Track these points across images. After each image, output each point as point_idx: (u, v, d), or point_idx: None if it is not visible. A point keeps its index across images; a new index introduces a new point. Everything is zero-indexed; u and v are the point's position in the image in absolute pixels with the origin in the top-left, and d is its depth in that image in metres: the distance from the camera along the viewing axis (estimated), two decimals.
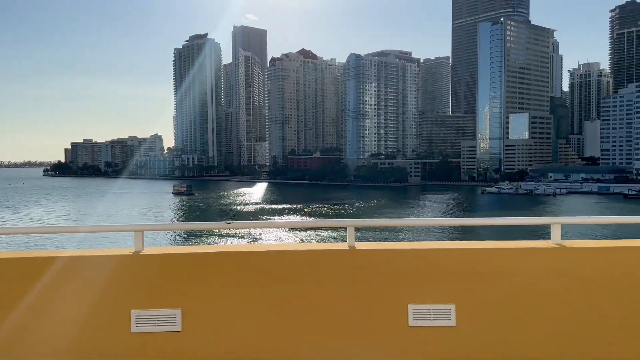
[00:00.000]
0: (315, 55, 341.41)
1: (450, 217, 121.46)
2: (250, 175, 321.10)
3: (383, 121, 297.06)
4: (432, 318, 4.53)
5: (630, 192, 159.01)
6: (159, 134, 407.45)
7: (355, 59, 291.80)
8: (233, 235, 75.03)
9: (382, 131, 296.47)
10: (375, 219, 5.26)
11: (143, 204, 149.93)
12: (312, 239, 73.88)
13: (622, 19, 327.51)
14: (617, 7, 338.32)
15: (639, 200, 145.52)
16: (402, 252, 4.69)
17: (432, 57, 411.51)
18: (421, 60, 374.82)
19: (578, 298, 4.61)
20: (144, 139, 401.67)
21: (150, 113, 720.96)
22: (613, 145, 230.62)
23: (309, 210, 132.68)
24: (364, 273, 4.55)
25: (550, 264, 4.63)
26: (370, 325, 4.52)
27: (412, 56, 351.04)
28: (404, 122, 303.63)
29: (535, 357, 4.59)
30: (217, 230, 72.90)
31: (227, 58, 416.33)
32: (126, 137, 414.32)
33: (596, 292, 4.59)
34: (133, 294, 4.61)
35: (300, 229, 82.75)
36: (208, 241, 71.79)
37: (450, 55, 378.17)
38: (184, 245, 60.48)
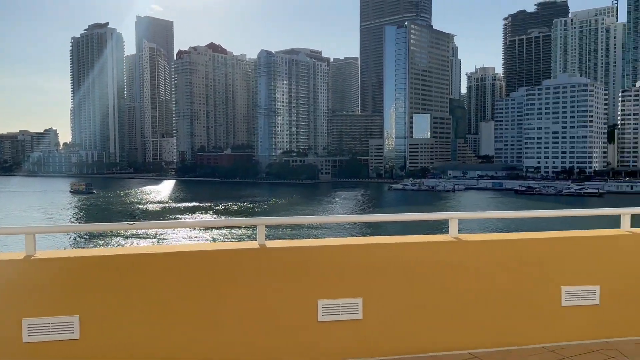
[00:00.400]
0: (225, 50, 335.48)
1: (360, 213, 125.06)
2: (156, 173, 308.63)
3: (295, 119, 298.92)
4: (340, 313, 4.60)
5: (520, 188, 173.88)
6: (54, 129, 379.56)
7: (267, 55, 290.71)
8: (138, 237, 71.79)
9: (293, 129, 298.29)
10: (286, 217, 5.25)
11: (37, 203, 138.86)
12: (223, 239, 72.65)
13: (514, 27, 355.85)
14: (509, 15, 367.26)
15: (528, 195, 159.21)
16: (312, 249, 4.72)
17: (342, 57, 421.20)
18: (331, 60, 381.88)
19: (473, 287, 4.89)
20: (38, 133, 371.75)
21: (44, 106, 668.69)
22: (505, 145, 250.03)
23: (219, 208, 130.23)
24: (274, 271, 4.55)
25: (449, 256, 4.90)
26: (281, 322, 4.53)
27: (322, 55, 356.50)
28: (315, 120, 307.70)
29: (436, 344, 4.81)
30: (120, 232, 69.23)
31: (130, 49, 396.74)
32: (16, 131, 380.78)
33: (488, 281, 4.90)
34: (25, 302, 4.33)
35: (211, 229, 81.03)
36: (111, 243, 68.07)
37: (358, 56, 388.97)
38: (84, 248, 56.80)
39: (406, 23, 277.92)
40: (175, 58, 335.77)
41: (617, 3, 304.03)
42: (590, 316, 5.00)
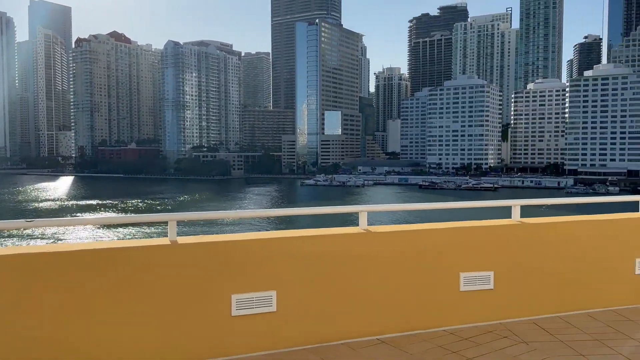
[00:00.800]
0: (129, 39, 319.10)
1: (273, 208, 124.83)
2: (51, 169, 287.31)
3: (205, 113, 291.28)
4: (254, 306, 4.64)
5: (424, 183, 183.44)
6: None
7: (174, 46, 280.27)
8: (35, 237, 66.54)
9: (203, 123, 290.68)
10: (198, 212, 5.13)
11: None
12: (131, 238, 69.22)
13: (418, 29, 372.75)
14: (414, 18, 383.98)
15: (431, 190, 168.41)
16: (225, 243, 4.70)
17: (253, 52, 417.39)
18: (242, 54, 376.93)
19: (381, 276, 5.13)
20: None
21: None
22: (410, 142, 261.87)
23: (124, 206, 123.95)
24: (186, 267, 4.51)
25: (359, 247, 5.08)
26: (195, 319, 4.51)
27: (234, 49, 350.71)
28: (227, 115, 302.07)
29: (347, 332, 4.97)
30: (15, 231, 63.74)
31: (22, 35, 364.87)
32: None
33: (395, 269, 5.16)
34: None
35: (117, 227, 76.99)
36: (5, 244, 62.41)
37: (270, 51, 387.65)
38: None
39: (317, 21, 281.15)
40: (73, 46, 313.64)
41: (511, 10, 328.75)
42: (485, 300, 5.41)
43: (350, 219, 6.43)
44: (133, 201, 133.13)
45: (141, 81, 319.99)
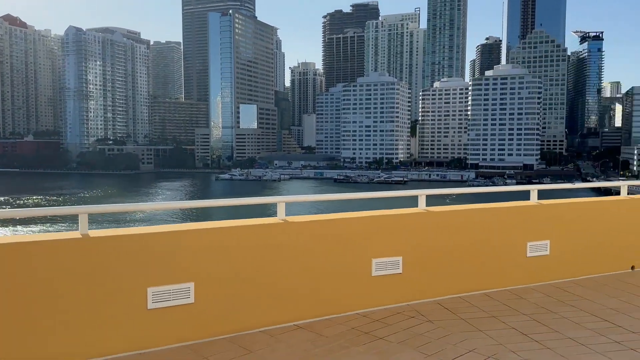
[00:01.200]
0: (25, 23, 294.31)
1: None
2: None
3: (110, 103, 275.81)
4: (171, 298, 4.61)
5: (338, 177, 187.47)
6: None
7: (76, 32, 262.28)
8: None
9: (109, 114, 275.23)
10: (110, 205, 4.90)
11: None
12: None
13: (332, 25, 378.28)
14: (327, 14, 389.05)
15: (345, 184, 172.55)
16: (139, 236, 4.64)
17: (163, 41, 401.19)
18: (151, 43, 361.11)
19: (298, 264, 5.24)
20: None
21: None
22: (326, 137, 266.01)
23: (20, 203, 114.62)
24: (99, 261, 4.43)
25: (277, 237, 5.20)
26: (108, 314, 4.44)
27: (142, 37, 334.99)
28: (135, 106, 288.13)
29: (265, 320, 5.07)
30: None
31: None
32: None
33: (311, 257, 5.32)
34: None
35: (15, 225, 71.27)
36: None
37: (181, 41, 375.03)
38: None
39: (230, 11, 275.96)
40: None
41: (419, 10, 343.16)
42: (395, 283, 5.74)
43: (267, 212, 6.52)
44: (31, 197, 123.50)
45: (39, 69, 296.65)
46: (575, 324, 5.16)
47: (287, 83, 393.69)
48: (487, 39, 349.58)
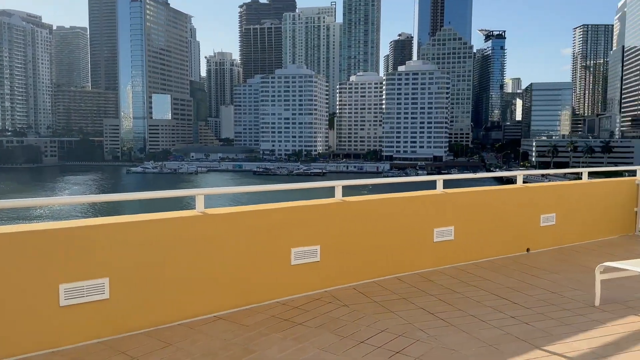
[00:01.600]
0: None
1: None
2: None
3: (9, 92, 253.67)
4: (85, 295, 4.52)
5: (258, 169, 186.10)
6: None
7: None
8: None
9: (7, 104, 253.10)
10: (13, 200, 4.58)
11: None
12: None
13: (248, 15, 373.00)
14: (244, 4, 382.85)
15: (265, 176, 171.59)
16: (50, 232, 4.53)
17: (67, 26, 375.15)
18: (54, 28, 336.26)
19: (218, 255, 5.31)
20: None
21: None
22: (244, 129, 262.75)
23: None
24: (6, 258, 4.26)
25: (196, 229, 5.18)
26: (17, 312, 4.30)
27: (43, 21, 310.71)
28: (36, 95, 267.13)
29: (184, 312, 5.07)
30: None
31: None
32: None
33: (231, 248, 5.38)
34: None
35: None
36: None
37: (87, 26, 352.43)
38: None
39: None
40: None
41: (335, 4, 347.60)
42: (313, 271, 5.93)
43: (184, 206, 6.45)
44: None
45: None
46: (476, 303, 5.62)
47: (203, 73, 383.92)
48: (399, 35, 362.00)
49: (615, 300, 5.67)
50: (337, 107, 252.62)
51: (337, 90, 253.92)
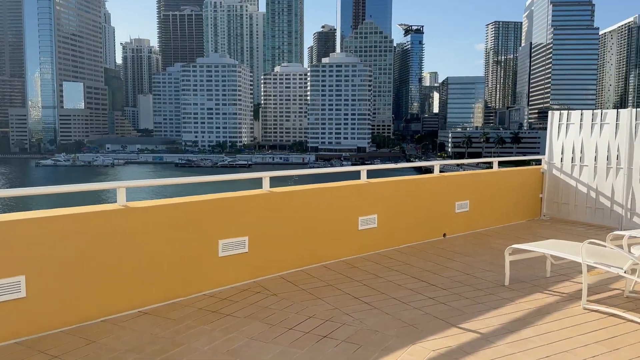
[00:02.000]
0: None
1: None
2: None
3: None
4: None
5: (180, 161, 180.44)
6: None
7: None
8: None
9: None
10: None
11: None
12: None
13: (167, 1, 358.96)
14: None
15: (188, 168, 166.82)
16: None
17: None
18: None
19: (143, 249, 5.18)
20: None
21: None
22: (165, 119, 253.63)
23: None
24: None
25: (118, 223, 5.02)
26: None
27: None
28: None
29: (107, 309, 4.93)
30: None
31: None
32: None
33: (156, 242, 5.28)
34: None
35: None
36: None
37: None
38: None
39: None
40: None
41: None
42: (241, 262, 5.94)
43: (102, 201, 6.21)
44: None
45: None
46: (398, 286, 5.89)
47: (119, 60, 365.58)
48: (323, 27, 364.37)
49: (523, 280, 6.15)
50: (262, 97, 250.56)
51: (262, 81, 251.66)
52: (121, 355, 4.10)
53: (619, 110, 9.36)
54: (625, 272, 4.87)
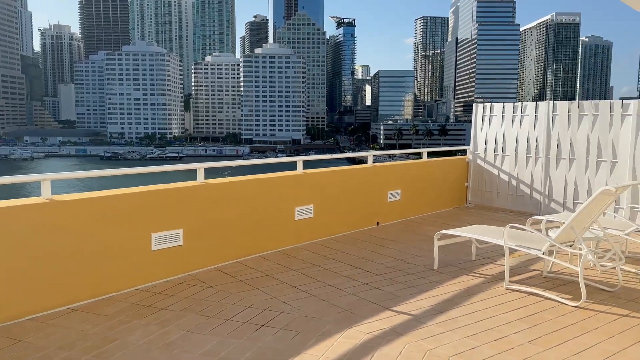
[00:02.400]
0: None
1: None
2: None
3: None
4: None
5: (105, 154, 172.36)
6: None
7: None
8: None
9: None
10: None
11: None
12: None
13: None
14: None
15: (115, 161, 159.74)
16: None
17: None
18: None
19: (71, 245, 4.97)
20: None
21: None
22: (88, 109, 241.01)
23: None
24: None
25: (43, 218, 4.79)
26: None
27: None
28: None
29: (34, 307, 4.76)
30: None
31: None
32: None
33: (85, 237, 5.07)
34: None
35: None
36: None
37: None
38: None
39: None
40: None
41: None
42: (176, 255, 5.82)
43: (23, 195, 5.83)
44: None
45: None
46: (334, 273, 6.01)
47: (37, 47, 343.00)
48: (255, 16, 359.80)
49: (451, 263, 6.47)
50: (193, 88, 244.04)
51: (192, 71, 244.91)
52: (50, 353, 3.96)
53: (537, 103, 10.01)
54: (543, 254, 5.19)
